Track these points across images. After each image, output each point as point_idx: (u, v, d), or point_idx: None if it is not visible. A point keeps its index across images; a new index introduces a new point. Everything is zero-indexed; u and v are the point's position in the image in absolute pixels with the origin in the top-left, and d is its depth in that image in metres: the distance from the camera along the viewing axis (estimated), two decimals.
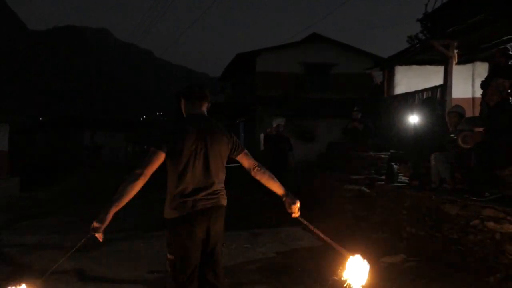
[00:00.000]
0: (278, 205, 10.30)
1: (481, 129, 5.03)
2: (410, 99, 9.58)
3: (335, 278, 2.66)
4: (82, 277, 5.10)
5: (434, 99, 6.87)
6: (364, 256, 2.68)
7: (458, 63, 9.85)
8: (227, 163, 2.92)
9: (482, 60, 10.15)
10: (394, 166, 6.51)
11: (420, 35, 17.55)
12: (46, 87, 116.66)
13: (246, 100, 17.31)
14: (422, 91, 9.15)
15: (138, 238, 7.25)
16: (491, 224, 4.17)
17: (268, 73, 15.82)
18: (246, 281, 4.80)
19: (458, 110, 5.49)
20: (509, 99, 4.78)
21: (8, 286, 2.52)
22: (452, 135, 4.84)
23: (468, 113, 7.57)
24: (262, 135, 12.13)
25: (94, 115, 54.60)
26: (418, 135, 5.95)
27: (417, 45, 8.91)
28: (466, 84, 10.38)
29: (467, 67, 10.65)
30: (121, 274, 5.20)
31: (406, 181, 6.33)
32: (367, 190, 7.35)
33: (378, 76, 11.33)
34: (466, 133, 4.64)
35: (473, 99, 10.10)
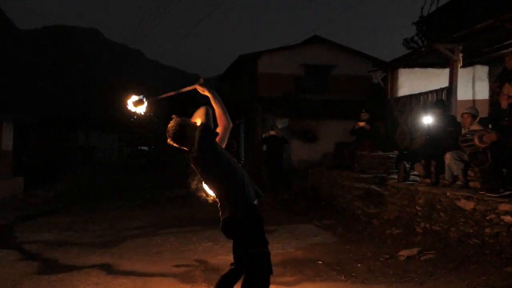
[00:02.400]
0: (286, 204, 10.57)
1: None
2: (415, 101, 9.87)
3: None
4: (110, 271, 5.23)
5: (444, 101, 7.13)
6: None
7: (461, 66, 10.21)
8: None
9: (482, 63, 10.49)
10: (406, 165, 6.77)
11: (416, 38, 17.92)
12: (34, 87, 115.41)
13: (246, 101, 17.50)
14: (427, 93, 9.44)
15: (154, 235, 7.39)
16: (508, 218, 4.43)
17: (269, 74, 16.05)
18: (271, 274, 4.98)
19: (471, 111, 5.76)
20: None
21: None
22: (468, 135, 5.10)
23: None
24: (263, 136, 12.38)
25: (86, 116, 54.24)
26: (432, 135, 6.22)
27: (422, 49, 9.18)
28: (467, 86, 10.69)
29: (468, 70, 10.97)
30: (147, 268, 5.35)
31: (417, 179, 6.59)
32: (377, 189, 7.60)
33: (379, 77, 11.62)
34: (483, 132, 4.90)
35: (474, 101, 10.42)
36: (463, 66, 10.67)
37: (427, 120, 6.59)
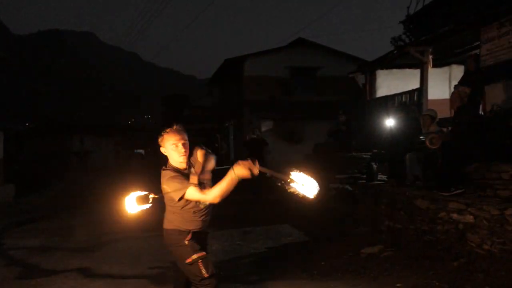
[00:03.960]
0: (267, 205, 10.84)
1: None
2: (390, 102, 10.18)
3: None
4: (88, 274, 5.50)
5: (409, 104, 7.44)
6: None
7: (436, 66, 10.49)
8: (216, 166, 3.28)
9: (458, 63, 10.80)
10: (374, 165, 7.06)
11: (404, 36, 18.23)
12: (30, 92, 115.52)
13: (234, 104, 17.79)
14: (401, 94, 9.74)
15: (137, 239, 7.65)
16: (455, 215, 4.73)
17: (256, 77, 16.33)
18: (240, 273, 5.27)
19: (430, 113, 6.06)
20: (469, 105, 5.36)
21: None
22: (421, 137, 5.39)
23: (446, 114, 8.17)
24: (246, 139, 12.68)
25: (82, 120, 54.43)
26: (394, 137, 6.52)
27: (395, 52, 9.48)
28: (444, 86, 11.02)
29: (444, 70, 11.31)
30: (124, 271, 5.62)
31: (385, 179, 6.89)
32: (350, 189, 7.89)
33: (361, 79, 11.92)
34: (433, 135, 5.20)
35: (451, 100, 10.74)
36: (440, 65, 11.02)
37: (390, 122, 6.88)
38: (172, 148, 2.95)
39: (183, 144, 2.94)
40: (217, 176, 3.13)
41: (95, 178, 25.27)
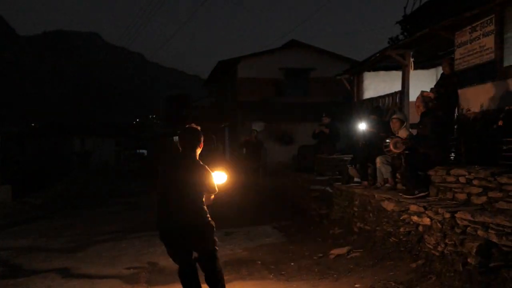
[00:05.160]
0: (252, 206, 10.97)
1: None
2: (375, 104, 10.30)
3: None
4: (66, 275, 5.72)
5: (381, 108, 7.58)
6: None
7: (422, 67, 10.59)
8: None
9: None
10: (351, 168, 7.21)
11: (401, 36, 18.30)
12: (35, 93, 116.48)
13: (228, 105, 17.98)
14: (384, 96, 9.87)
15: (122, 239, 7.87)
16: (415, 218, 4.88)
17: (249, 79, 16.49)
18: None
19: (399, 117, 6.19)
20: (433, 109, 5.49)
21: None
22: (387, 140, 5.54)
23: None
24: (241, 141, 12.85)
25: (84, 121, 54.96)
26: (366, 140, 6.67)
27: (377, 55, 9.60)
28: (430, 87, 11.11)
29: (431, 72, 11.36)
30: (102, 271, 5.83)
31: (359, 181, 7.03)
32: (330, 190, 8.05)
33: (346, 82, 12.04)
34: (397, 139, 5.34)
35: (415, 105, 10.83)
36: (427, 67, 11.11)
37: (362, 126, 7.03)
38: None
39: None
40: None
41: (94, 178, 25.68)
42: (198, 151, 3.66)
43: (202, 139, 3.70)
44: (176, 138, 3.54)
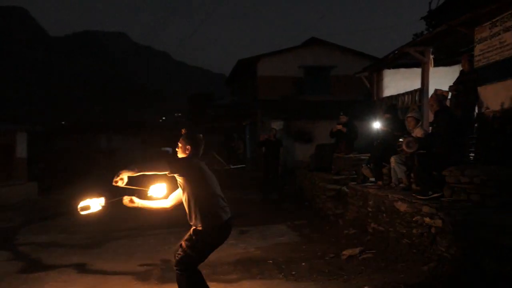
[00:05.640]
0: (269, 204, 11.00)
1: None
2: (394, 102, 10.08)
3: None
4: (81, 270, 5.86)
5: (396, 106, 7.42)
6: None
7: (444, 64, 10.31)
8: (233, 165, 3.93)
9: None
10: (367, 167, 7.08)
11: (426, 32, 17.89)
12: (65, 93, 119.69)
13: (249, 103, 17.99)
14: (404, 94, 9.66)
15: (138, 236, 8.00)
16: (427, 219, 4.75)
17: (269, 77, 16.46)
18: (220, 271, 5.47)
19: (414, 115, 6.04)
20: (448, 108, 5.32)
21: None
22: (400, 140, 5.41)
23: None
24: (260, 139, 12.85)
25: (111, 120, 56.15)
26: (381, 139, 6.53)
27: (396, 52, 9.39)
28: (449, 85, 10.80)
29: (453, 69, 11.02)
30: (116, 267, 5.94)
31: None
32: (347, 190, 7.93)
33: (365, 80, 11.84)
34: (410, 139, 5.21)
35: (429, 104, 10.53)
36: (449, 64, 10.80)
37: (377, 125, 6.88)
38: None
39: None
40: (231, 174, 3.85)
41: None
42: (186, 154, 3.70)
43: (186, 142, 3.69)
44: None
